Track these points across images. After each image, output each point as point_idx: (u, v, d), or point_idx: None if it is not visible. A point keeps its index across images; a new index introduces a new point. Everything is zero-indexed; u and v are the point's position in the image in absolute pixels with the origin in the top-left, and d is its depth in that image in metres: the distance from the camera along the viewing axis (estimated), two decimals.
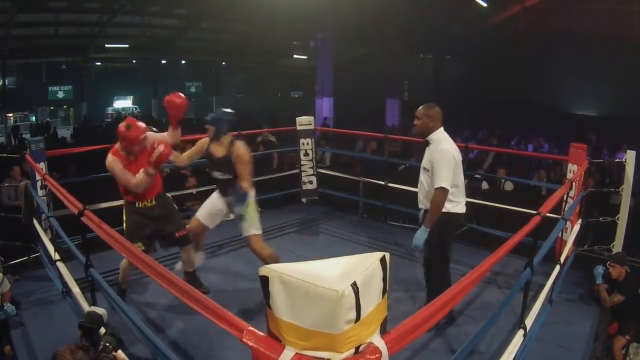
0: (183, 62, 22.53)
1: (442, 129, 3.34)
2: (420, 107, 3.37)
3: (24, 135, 15.45)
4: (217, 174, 3.84)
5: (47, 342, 3.13)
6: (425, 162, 3.36)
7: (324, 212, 6.34)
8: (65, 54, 17.62)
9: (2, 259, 4.07)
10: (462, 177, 3.36)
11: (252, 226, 3.79)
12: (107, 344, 2.29)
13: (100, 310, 2.54)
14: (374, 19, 13.41)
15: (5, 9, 12.54)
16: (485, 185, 7.73)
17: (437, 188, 3.17)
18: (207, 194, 3.85)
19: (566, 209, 3.97)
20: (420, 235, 3.22)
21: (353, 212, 6.68)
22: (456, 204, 3.33)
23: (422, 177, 3.39)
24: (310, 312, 1.33)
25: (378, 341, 1.38)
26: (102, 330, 2.50)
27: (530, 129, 13.26)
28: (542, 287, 3.20)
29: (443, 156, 3.21)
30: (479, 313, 3.64)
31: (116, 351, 2.32)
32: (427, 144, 3.36)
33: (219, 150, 3.77)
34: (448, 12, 15.64)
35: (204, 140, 3.90)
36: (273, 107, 22.58)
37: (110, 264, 4.12)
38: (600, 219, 4.44)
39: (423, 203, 3.42)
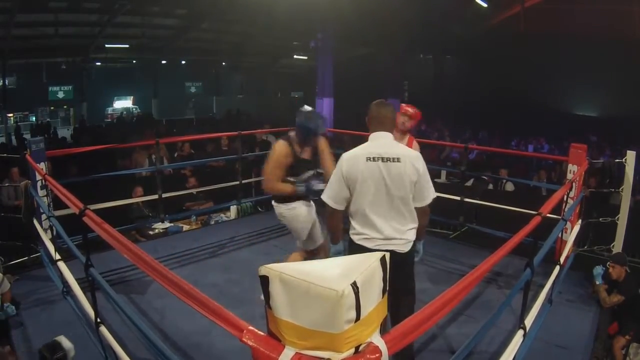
0: (183, 62, 22.51)
1: (376, 133, 2.61)
2: None
3: (24, 136, 15.45)
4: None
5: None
6: None
7: (324, 212, 6.33)
8: (65, 54, 17.61)
9: (2, 259, 4.07)
10: (373, 202, 2.51)
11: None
12: None
13: (67, 345, 2.41)
14: (374, 19, 13.39)
15: (5, 9, 12.53)
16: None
17: None
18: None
19: (566, 209, 3.96)
20: (332, 248, 2.90)
21: None
22: (355, 234, 2.61)
23: None
24: (310, 311, 1.33)
25: (378, 341, 1.38)
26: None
27: (530, 129, 13.27)
28: (542, 287, 3.19)
29: (336, 164, 2.63)
30: (479, 313, 3.63)
31: None
32: None
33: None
34: (448, 13, 15.64)
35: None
36: (273, 107, 22.58)
37: (110, 263, 4.14)
38: (600, 219, 4.44)
39: None
